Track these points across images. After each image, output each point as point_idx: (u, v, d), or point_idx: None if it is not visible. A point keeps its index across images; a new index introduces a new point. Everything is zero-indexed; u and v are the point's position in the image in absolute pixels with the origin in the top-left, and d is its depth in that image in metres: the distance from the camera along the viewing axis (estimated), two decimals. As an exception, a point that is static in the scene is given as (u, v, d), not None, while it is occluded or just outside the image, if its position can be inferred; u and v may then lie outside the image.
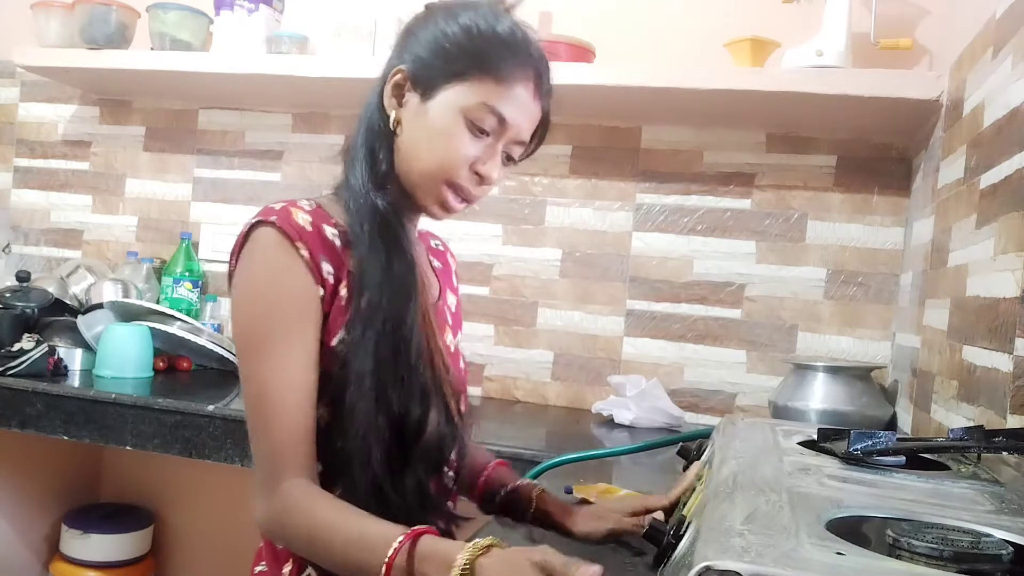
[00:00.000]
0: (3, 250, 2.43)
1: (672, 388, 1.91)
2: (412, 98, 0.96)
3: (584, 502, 1.11)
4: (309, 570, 0.92)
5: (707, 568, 0.48)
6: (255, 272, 0.90)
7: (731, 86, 1.69)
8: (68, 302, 2.01)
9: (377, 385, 0.89)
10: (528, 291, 2.08)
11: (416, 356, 0.92)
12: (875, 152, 1.89)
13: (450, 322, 1.10)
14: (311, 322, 0.89)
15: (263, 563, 0.98)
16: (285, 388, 0.86)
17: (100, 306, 1.89)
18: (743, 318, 1.95)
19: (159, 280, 2.16)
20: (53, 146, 2.42)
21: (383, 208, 0.95)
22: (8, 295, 1.88)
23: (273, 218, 0.89)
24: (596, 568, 0.66)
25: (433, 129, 0.94)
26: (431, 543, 0.74)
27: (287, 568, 0.93)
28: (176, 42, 2.04)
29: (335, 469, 0.90)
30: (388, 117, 0.97)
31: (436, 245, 1.20)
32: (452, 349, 1.07)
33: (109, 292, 2.01)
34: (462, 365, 1.10)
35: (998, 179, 1.14)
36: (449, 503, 1.04)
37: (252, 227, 0.90)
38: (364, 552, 0.77)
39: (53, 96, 2.40)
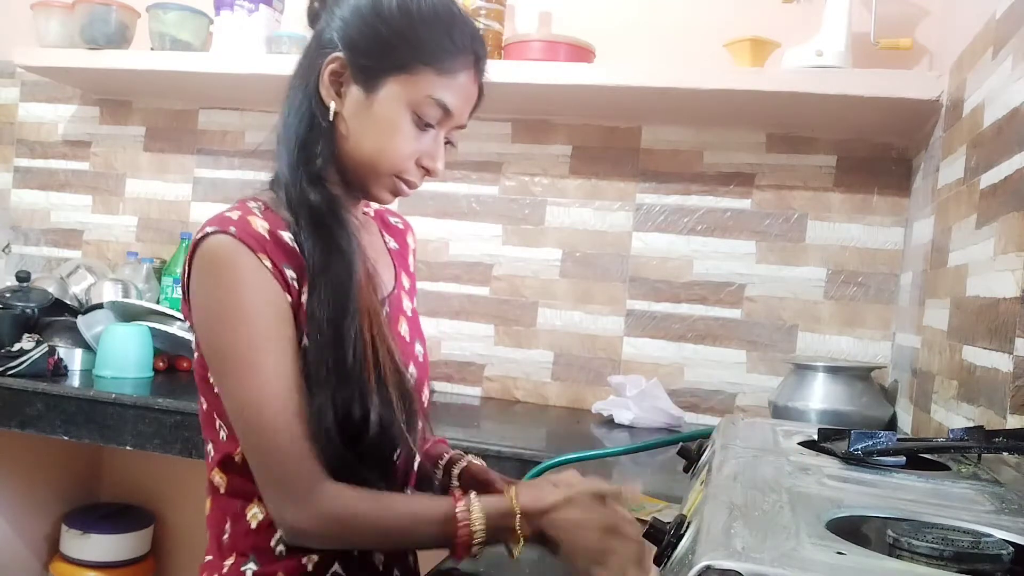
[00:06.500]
0: (3, 250, 2.43)
1: (672, 388, 1.91)
2: (353, 90, 0.92)
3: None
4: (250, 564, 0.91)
5: (707, 568, 0.48)
6: (222, 286, 0.85)
7: (731, 86, 1.69)
8: (68, 302, 2.01)
9: (324, 387, 0.86)
10: (528, 291, 2.08)
11: (355, 357, 0.87)
12: (875, 152, 1.89)
13: (407, 308, 1.06)
14: (290, 328, 0.87)
15: (208, 556, 0.96)
16: (284, 396, 0.84)
17: (100, 306, 1.89)
18: (743, 318, 1.95)
19: (159, 280, 2.16)
20: (53, 146, 2.42)
21: (316, 204, 0.91)
22: (8, 295, 1.88)
23: (232, 229, 0.85)
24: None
25: (378, 124, 0.91)
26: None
27: (229, 561, 0.92)
28: (176, 42, 2.04)
29: None
30: (325, 108, 0.93)
31: (395, 223, 1.16)
32: (408, 339, 1.03)
33: (109, 292, 2.01)
34: (419, 351, 1.05)
35: (998, 179, 1.14)
36: None
37: (208, 236, 0.86)
38: (427, 528, 0.85)
39: (53, 96, 2.40)
